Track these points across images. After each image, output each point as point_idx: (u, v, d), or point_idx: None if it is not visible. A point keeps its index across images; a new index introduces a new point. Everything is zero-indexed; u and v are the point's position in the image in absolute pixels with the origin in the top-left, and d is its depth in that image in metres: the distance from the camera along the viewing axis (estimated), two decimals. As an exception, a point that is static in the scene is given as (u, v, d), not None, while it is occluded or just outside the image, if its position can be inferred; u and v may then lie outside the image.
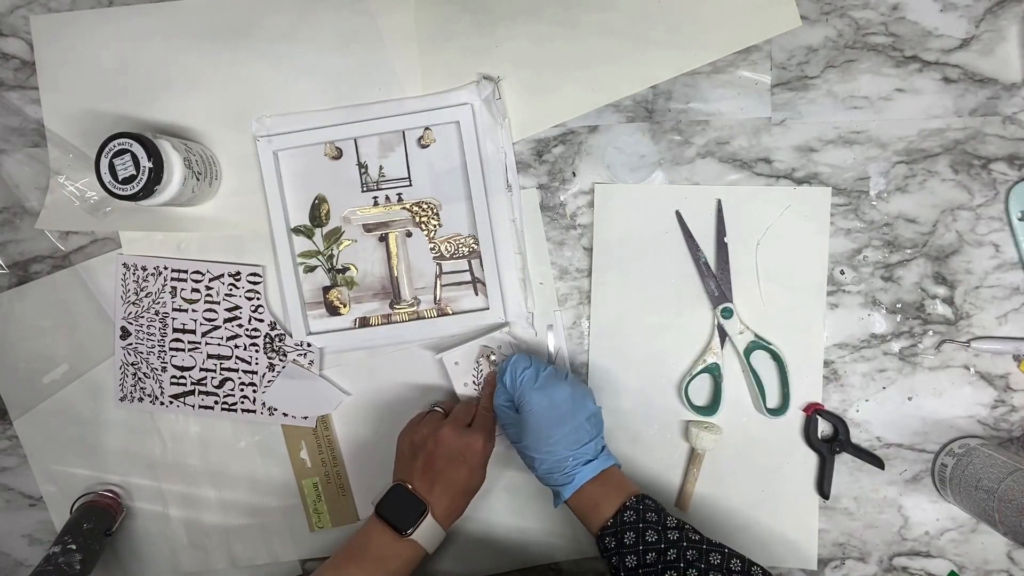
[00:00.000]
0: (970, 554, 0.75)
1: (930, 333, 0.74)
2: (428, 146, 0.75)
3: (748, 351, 0.73)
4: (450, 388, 0.75)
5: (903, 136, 0.72)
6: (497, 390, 0.69)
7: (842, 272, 0.74)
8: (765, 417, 0.73)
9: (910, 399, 0.74)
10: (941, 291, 0.73)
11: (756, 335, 0.73)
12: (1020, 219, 0.71)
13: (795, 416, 0.74)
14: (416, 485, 0.66)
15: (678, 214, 0.74)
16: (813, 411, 0.73)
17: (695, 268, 0.74)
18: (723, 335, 0.73)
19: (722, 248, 0.73)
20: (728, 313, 0.73)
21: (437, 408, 0.73)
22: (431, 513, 0.65)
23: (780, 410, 0.73)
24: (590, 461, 0.64)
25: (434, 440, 0.67)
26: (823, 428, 0.75)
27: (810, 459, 0.75)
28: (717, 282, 0.73)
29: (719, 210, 0.73)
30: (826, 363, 0.74)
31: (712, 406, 0.74)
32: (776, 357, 0.73)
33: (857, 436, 0.74)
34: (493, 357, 0.74)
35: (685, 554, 0.59)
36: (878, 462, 0.73)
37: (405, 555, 0.65)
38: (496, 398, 0.69)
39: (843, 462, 0.75)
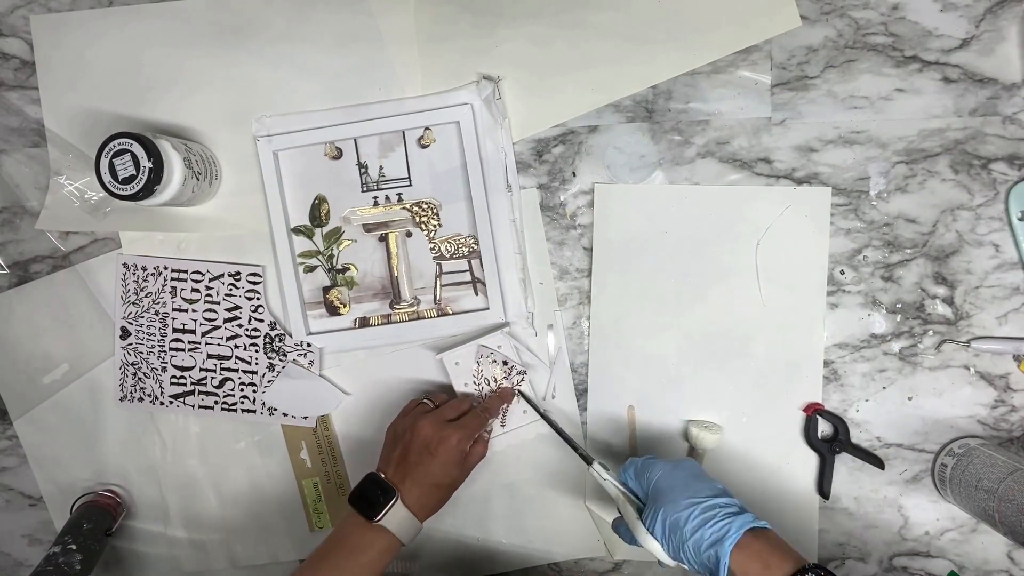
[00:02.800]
0: (970, 554, 0.75)
1: (930, 333, 0.74)
2: (428, 146, 0.75)
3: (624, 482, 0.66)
4: (450, 388, 0.75)
5: (903, 136, 0.72)
6: (624, 479, 0.64)
7: (842, 272, 0.74)
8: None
9: (910, 399, 0.74)
10: (941, 291, 0.73)
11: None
12: (1020, 219, 0.71)
13: (795, 416, 0.74)
14: (389, 474, 0.67)
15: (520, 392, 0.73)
16: (813, 411, 0.73)
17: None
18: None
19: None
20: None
21: (426, 400, 0.72)
22: (402, 501, 0.65)
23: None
24: (740, 512, 0.56)
25: (412, 431, 0.67)
26: (823, 428, 0.75)
27: (810, 459, 0.75)
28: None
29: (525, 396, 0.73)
30: (826, 363, 0.74)
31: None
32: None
33: (857, 436, 0.74)
34: (520, 379, 0.74)
35: None
36: (878, 462, 0.73)
37: (378, 544, 0.64)
38: (647, 528, 0.60)
39: (843, 462, 0.75)
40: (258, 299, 0.77)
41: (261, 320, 0.77)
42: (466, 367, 0.74)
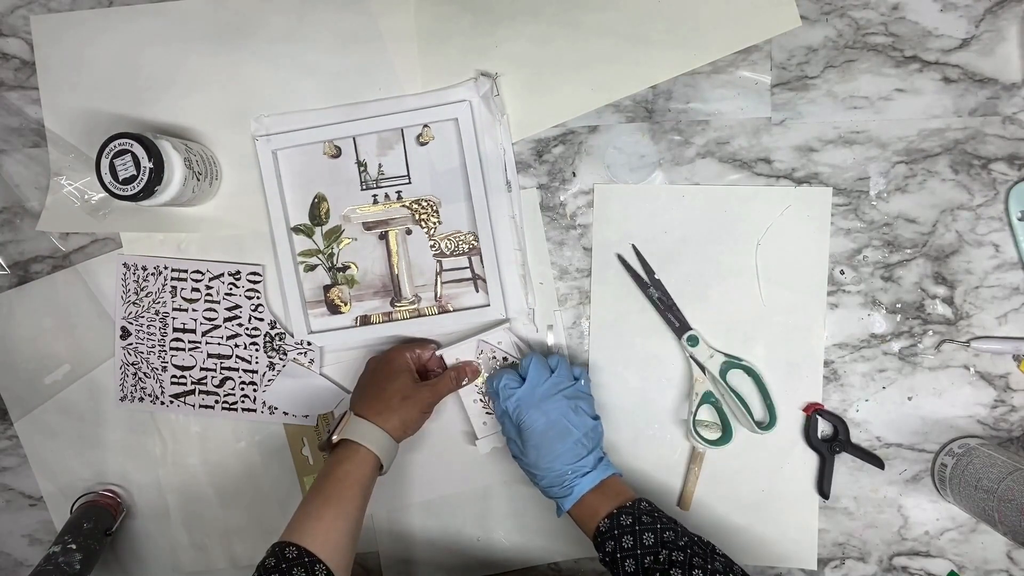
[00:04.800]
0: (970, 554, 0.75)
1: (930, 333, 0.74)
2: (427, 144, 0.75)
3: (723, 372, 0.73)
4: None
5: (903, 136, 0.72)
6: (494, 403, 0.69)
7: (842, 272, 0.74)
8: (758, 434, 0.72)
9: (910, 399, 0.74)
10: (941, 291, 0.73)
11: (726, 355, 0.73)
12: (1020, 219, 0.71)
13: (795, 416, 0.74)
14: (353, 398, 0.71)
15: (620, 257, 0.74)
16: (813, 411, 0.73)
17: (651, 304, 0.74)
18: (699, 363, 0.73)
19: (658, 284, 0.74)
20: (694, 341, 0.73)
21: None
22: (358, 415, 0.67)
23: (768, 424, 0.73)
24: (588, 473, 0.65)
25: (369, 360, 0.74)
26: (823, 428, 0.75)
27: (810, 459, 0.75)
28: (673, 313, 0.73)
29: (638, 253, 0.74)
30: (826, 363, 0.74)
31: (725, 435, 0.73)
32: (751, 372, 0.73)
33: (857, 436, 0.74)
34: (493, 356, 0.74)
35: (685, 554, 0.59)
36: (878, 462, 0.73)
37: (349, 458, 0.64)
38: (496, 411, 0.70)
39: (843, 462, 0.75)
40: (258, 298, 0.77)
41: (261, 319, 0.77)
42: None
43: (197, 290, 0.77)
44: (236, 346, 0.77)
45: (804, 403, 0.74)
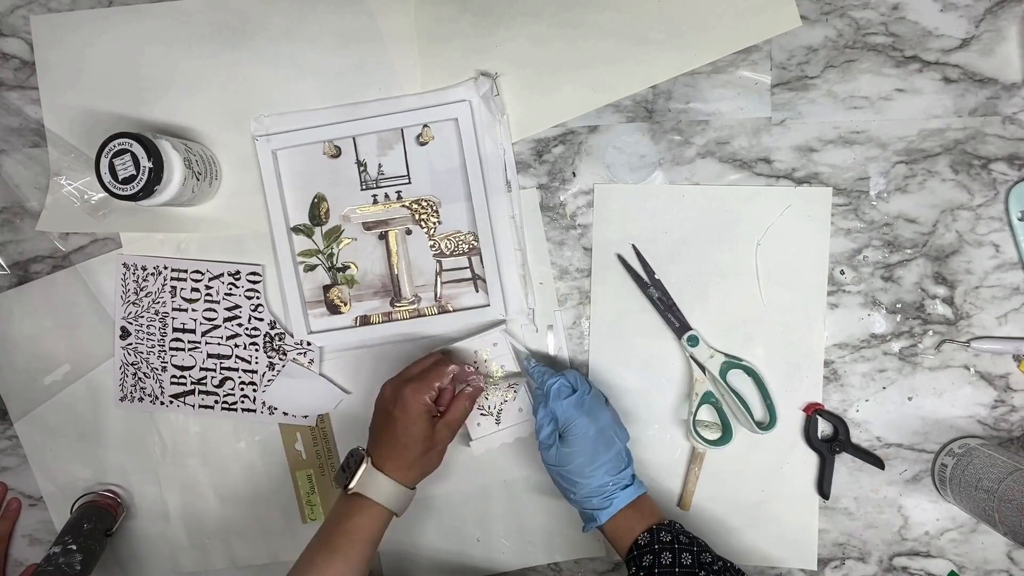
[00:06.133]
0: (970, 554, 0.75)
1: (930, 333, 0.74)
2: (427, 143, 0.75)
3: (723, 372, 0.73)
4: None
5: (903, 136, 0.72)
6: (539, 415, 0.66)
7: (842, 272, 0.74)
8: (758, 434, 0.72)
9: (910, 399, 0.74)
10: (941, 291, 0.73)
11: (726, 355, 0.73)
12: (1020, 219, 0.71)
13: (795, 416, 0.74)
14: (367, 444, 0.68)
15: (620, 257, 0.74)
16: (813, 411, 0.73)
17: (652, 304, 0.74)
18: (700, 363, 0.73)
19: (658, 284, 0.74)
20: (694, 341, 0.73)
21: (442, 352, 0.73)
22: (376, 466, 0.65)
23: (768, 424, 0.73)
24: (628, 486, 0.64)
25: (377, 397, 0.69)
26: (823, 428, 0.75)
27: (810, 459, 0.75)
28: (673, 313, 0.73)
29: (638, 253, 0.74)
30: (826, 363, 0.74)
31: (725, 435, 0.73)
32: (751, 372, 0.73)
33: (857, 436, 0.74)
34: (488, 359, 0.73)
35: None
36: (878, 462, 0.73)
37: (361, 512, 0.64)
38: (539, 425, 0.66)
39: (843, 462, 0.75)
40: (258, 298, 0.77)
41: (261, 319, 0.77)
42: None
43: (197, 290, 0.77)
44: (236, 346, 0.77)
45: (804, 403, 0.74)
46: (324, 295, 0.77)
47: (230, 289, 0.77)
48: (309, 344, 0.76)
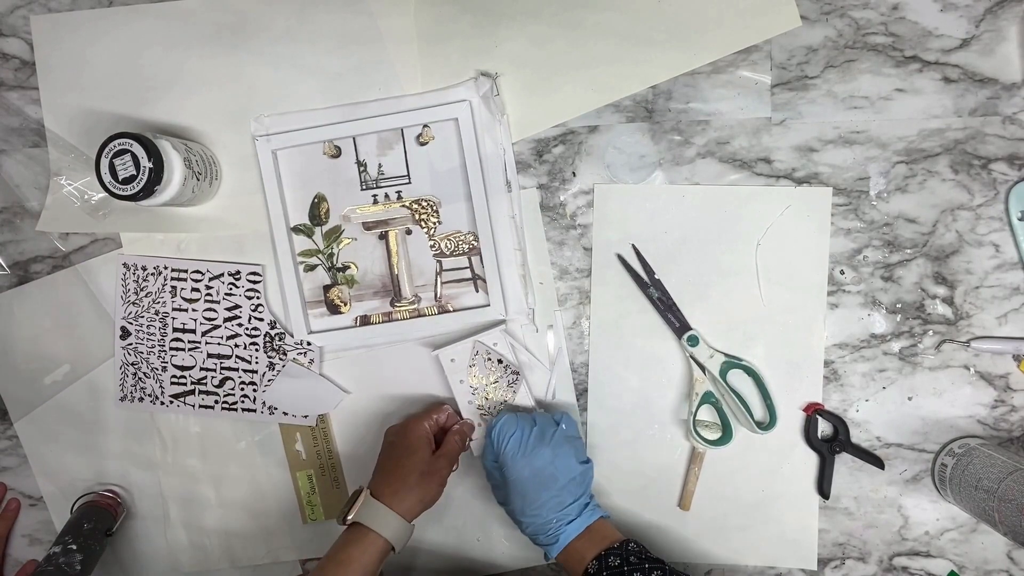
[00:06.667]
0: (970, 554, 0.75)
1: (930, 333, 0.74)
2: (427, 144, 0.75)
3: (723, 372, 0.73)
4: (446, 384, 0.75)
5: (903, 136, 0.72)
6: (486, 450, 0.70)
7: (842, 272, 0.74)
8: (758, 434, 0.72)
9: (910, 399, 0.74)
10: (941, 291, 0.73)
11: (727, 355, 0.73)
12: (1020, 219, 0.71)
13: (795, 416, 0.74)
14: (371, 480, 0.69)
15: (620, 257, 0.74)
16: (813, 411, 0.73)
17: (651, 304, 0.74)
18: (699, 363, 0.73)
19: (658, 284, 0.74)
20: (694, 341, 0.73)
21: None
22: (375, 496, 0.66)
23: (768, 424, 0.73)
24: (573, 520, 0.65)
25: (384, 434, 0.72)
26: (823, 428, 0.75)
27: (810, 459, 0.75)
28: (673, 313, 0.73)
29: (638, 253, 0.74)
30: (826, 363, 0.74)
31: (725, 435, 0.73)
32: (751, 372, 0.73)
33: (857, 436, 0.74)
34: (514, 378, 0.74)
35: None
36: (878, 462, 0.73)
37: (358, 543, 0.64)
38: (485, 459, 0.70)
39: (843, 462, 0.75)
40: (258, 298, 0.77)
41: (261, 319, 0.77)
42: (461, 364, 0.74)
43: (197, 290, 0.77)
44: (236, 346, 0.77)
45: (804, 403, 0.74)
46: (324, 295, 0.77)
47: (230, 289, 0.77)
48: (309, 344, 0.76)
